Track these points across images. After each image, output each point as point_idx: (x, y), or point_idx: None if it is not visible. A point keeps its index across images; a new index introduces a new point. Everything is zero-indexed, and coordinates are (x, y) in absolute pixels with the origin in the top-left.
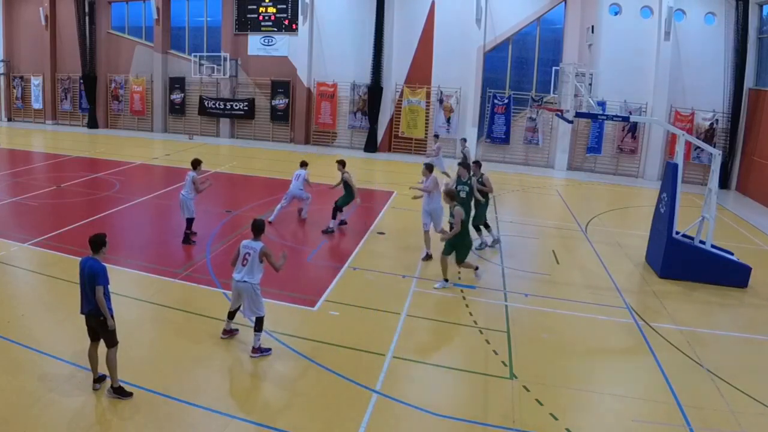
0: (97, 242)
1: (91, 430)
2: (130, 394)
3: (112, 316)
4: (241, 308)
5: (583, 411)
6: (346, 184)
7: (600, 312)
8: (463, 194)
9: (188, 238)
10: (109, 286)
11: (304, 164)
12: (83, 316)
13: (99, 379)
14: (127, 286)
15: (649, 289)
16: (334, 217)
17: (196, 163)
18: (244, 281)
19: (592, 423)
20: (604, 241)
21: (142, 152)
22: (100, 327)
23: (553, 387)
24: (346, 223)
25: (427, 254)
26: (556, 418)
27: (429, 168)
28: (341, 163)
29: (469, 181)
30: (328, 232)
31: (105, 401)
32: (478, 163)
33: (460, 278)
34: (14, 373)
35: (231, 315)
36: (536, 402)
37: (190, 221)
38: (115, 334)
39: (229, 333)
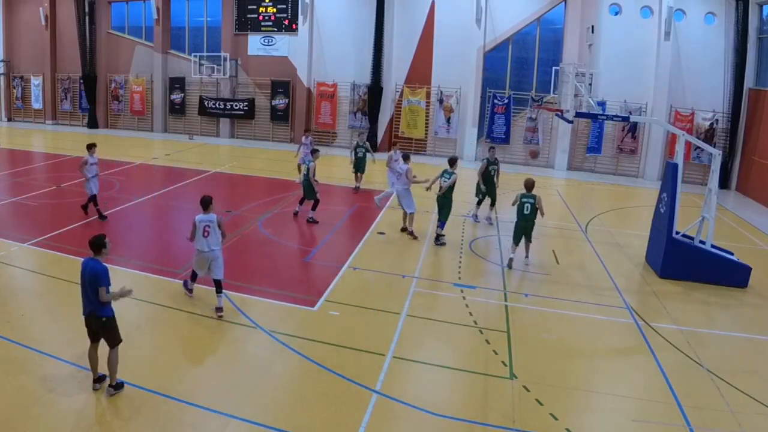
0: (98, 244)
1: (91, 430)
2: (122, 385)
3: (113, 316)
4: (209, 274)
5: (583, 411)
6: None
7: (600, 312)
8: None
9: (85, 208)
10: (111, 287)
11: (407, 158)
12: (84, 317)
13: (99, 379)
14: (127, 286)
15: (649, 289)
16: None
17: (89, 146)
18: (212, 249)
19: (592, 423)
20: (604, 241)
21: (142, 152)
22: (101, 328)
23: (553, 387)
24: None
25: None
26: (556, 418)
27: (406, 157)
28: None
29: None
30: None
31: (105, 401)
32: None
33: (460, 278)
34: (14, 373)
35: (193, 277)
36: (536, 402)
37: (92, 197)
38: (117, 331)
39: (192, 291)
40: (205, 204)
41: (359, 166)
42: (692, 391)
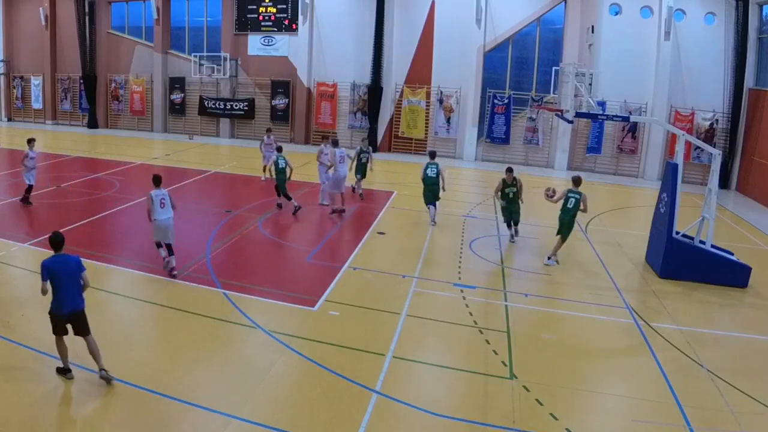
0: (62, 241)
1: (90, 430)
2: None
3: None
4: (164, 239)
5: (583, 411)
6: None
7: (600, 312)
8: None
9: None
10: None
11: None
12: (66, 314)
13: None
14: (127, 286)
15: (649, 289)
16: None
17: (30, 140)
18: (168, 218)
19: (592, 423)
20: (604, 241)
21: (142, 152)
22: (83, 319)
23: (553, 387)
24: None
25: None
26: (556, 418)
27: (335, 143)
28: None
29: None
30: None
31: (105, 401)
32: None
33: (460, 278)
34: (14, 373)
35: (159, 245)
36: (536, 402)
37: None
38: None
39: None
40: (157, 181)
41: (362, 171)
42: (692, 391)
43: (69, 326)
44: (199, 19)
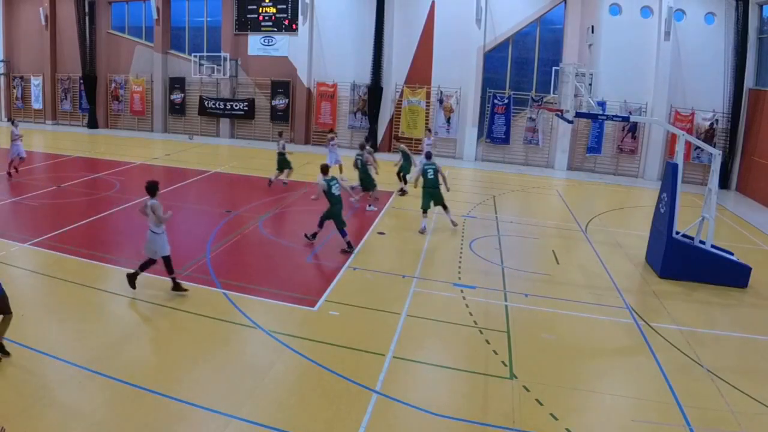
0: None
1: (90, 430)
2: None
3: None
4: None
5: (583, 411)
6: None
7: (600, 312)
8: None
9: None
10: None
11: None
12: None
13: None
14: (127, 286)
15: (649, 289)
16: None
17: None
18: (149, 230)
19: (592, 423)
20: (604, 241)
21: (142, 152)
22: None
23: (553, 387)
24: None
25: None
26: (556, 418)
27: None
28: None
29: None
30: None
31: (105, 402)
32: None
33: (460, 278)
34: (14, 373)
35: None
36: (536, 402)
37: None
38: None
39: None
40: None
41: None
42: (692, 391)
43: None
44: (199, 19)
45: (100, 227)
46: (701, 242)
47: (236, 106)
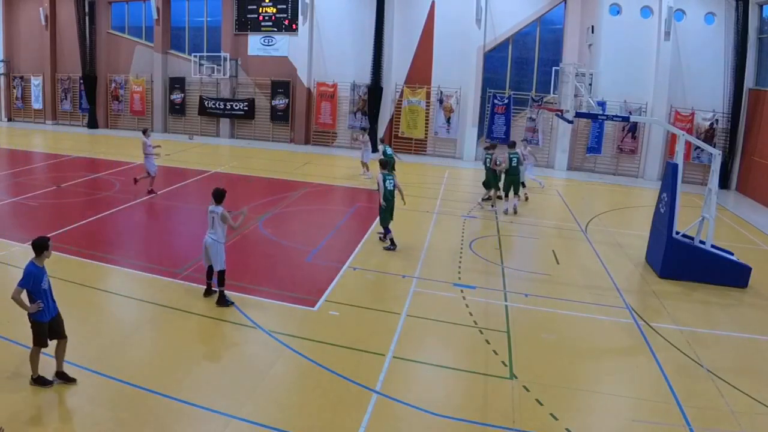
0: (40, 246)
1: (91, 430)
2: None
3: (39, 321)
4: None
5: (583, 411)
6: None
7: (600, 312)
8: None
9: None
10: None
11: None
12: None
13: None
14: (127, 286)
15: (649, 289)
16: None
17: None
18: (208, 237)
19: (592, 423)
20: (604, 241)
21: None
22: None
23: (553, 387)
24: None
25: None
26: (556, 418)
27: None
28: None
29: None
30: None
31: (105, 402)
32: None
33: (460, 278)
34: (14, 373)
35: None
36: (536, 402)
37: None
38: (35, 328)
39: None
40: (218, 196)
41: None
42: (692, 391)
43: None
44: (199, 19)
45: (100, 227)
46: (701, 242)
47: (236, 106)
